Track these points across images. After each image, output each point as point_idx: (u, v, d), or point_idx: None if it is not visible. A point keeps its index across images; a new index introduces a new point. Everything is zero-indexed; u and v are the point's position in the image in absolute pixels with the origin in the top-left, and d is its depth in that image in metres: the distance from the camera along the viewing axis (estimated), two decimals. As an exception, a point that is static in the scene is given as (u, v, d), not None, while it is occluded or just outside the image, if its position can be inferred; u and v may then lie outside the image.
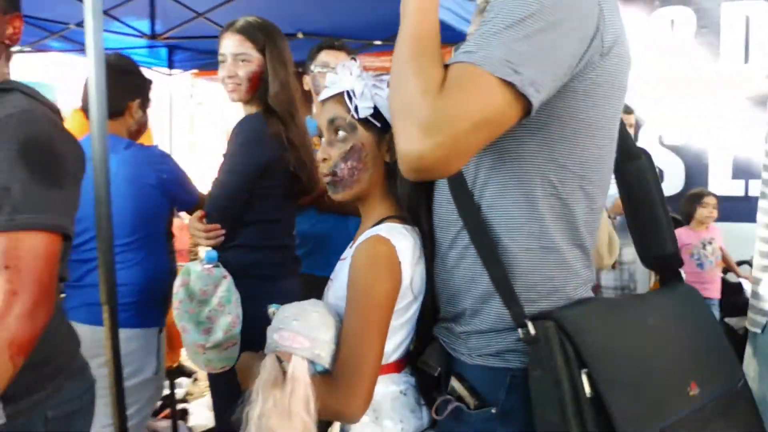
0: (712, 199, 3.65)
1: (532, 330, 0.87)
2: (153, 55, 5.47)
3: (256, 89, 1.76)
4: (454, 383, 0.98)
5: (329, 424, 1.06)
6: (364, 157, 1.09)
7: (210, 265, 1.28)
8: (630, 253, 4.00)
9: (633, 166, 1.14)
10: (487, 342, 0.96)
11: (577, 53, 0.85)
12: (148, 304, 1.91)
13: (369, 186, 1.11)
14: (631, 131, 3.86)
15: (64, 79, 5.88)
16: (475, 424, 0.96)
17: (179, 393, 2.99)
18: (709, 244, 3.64)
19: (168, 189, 1.91)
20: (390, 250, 1.02)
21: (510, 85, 0.79)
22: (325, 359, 1.01)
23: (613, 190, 4.41)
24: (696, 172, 4.21)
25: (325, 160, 1.12)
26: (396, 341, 1.07)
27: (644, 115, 4.35)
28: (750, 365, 1.83)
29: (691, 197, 3.75)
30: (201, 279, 1.31)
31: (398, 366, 1.09)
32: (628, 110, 3.89)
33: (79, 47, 4.81)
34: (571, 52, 0.84)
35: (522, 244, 0.93)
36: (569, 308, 0.92)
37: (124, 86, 1.93)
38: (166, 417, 2.87)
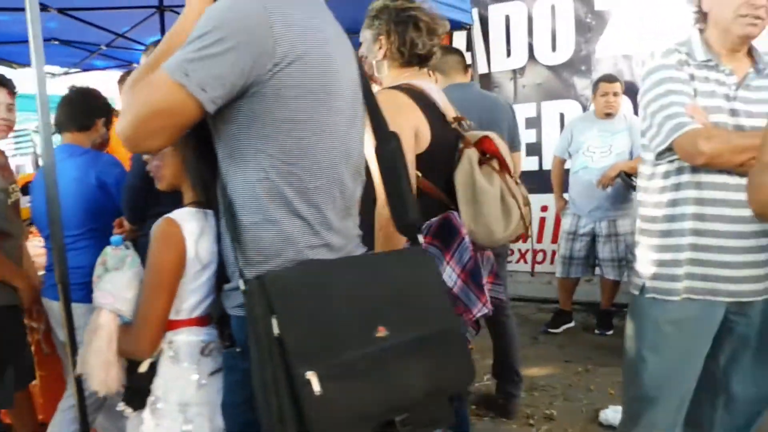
0: None
1: (242, 286, 1.12)
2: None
3: None
4: (223, 330, 1.27)
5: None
6: (162, 157, 1.38)
7: (116, 247, 1.59)
8: (626, 224, 3.97)
9: (386, 147, 1.35)
10: (235, 297, 1.21)
11: (245, 62, 1.07)
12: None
13: (173, 179, 1.39)
14: (617, 99, 3.85)
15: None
16: (226, 360, 1.25)
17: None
18: None
19: (109, 190, 2.28)
20: (175, 229, 1.30)
21: (182, 85, 1.06)
22: (126, 312, 1.32)
23: (603, 163, 4.44)
24: None
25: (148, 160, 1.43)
26: (192, 302, 1.34)
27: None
28: (628, 325, 1.94)
29: None
30: (112, 258, 1.61)
31: (200, 321, 1.36)
32: (611, 79, 3.88)
33: (120, 63, 5.39)
34: (237, 60, 1.07)
35: (248, 217, 1.16)
36: (284, 269, 1.14)
37: (93, 107, 2.42)
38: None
